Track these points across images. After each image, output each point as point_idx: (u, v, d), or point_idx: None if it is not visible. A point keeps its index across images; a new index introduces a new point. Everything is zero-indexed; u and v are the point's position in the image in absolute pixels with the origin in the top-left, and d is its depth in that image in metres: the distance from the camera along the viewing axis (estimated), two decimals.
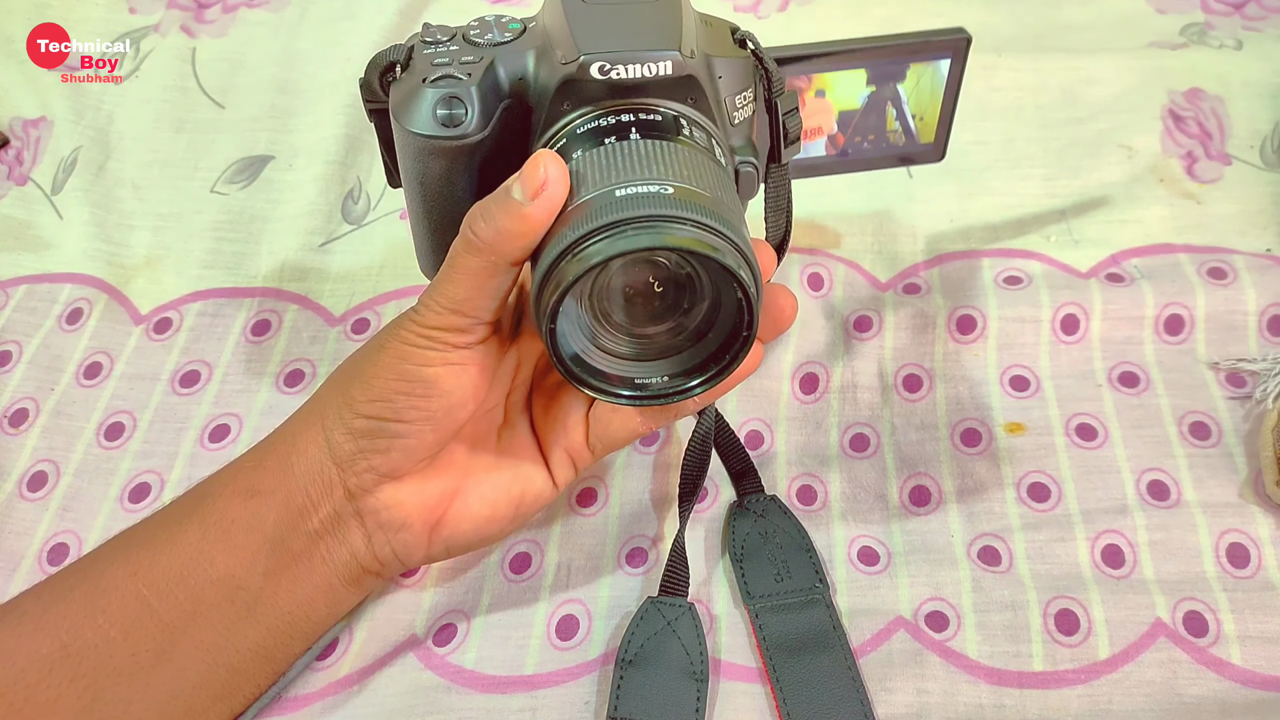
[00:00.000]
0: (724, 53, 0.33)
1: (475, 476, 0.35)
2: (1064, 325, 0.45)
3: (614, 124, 0.30)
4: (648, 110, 0.31)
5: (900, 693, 0.35)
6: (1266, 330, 0.45)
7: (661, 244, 0.26)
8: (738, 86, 0.34)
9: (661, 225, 0.27)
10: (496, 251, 0.29)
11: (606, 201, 0.27)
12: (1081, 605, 0.37)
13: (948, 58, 0.41)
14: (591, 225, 0.27)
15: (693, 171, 0.29)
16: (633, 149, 0.29)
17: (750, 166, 0.34)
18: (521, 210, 0.28)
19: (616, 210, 0.27)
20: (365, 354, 0.33)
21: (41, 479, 0.44)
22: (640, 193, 0.27)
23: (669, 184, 0.28)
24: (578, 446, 0.35)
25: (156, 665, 0.31)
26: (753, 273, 0.28)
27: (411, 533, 0.34)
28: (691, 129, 0.31)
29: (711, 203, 0.28)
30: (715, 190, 0.29)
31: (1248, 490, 0.40)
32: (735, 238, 0.27)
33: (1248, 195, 0.51)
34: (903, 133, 0.43)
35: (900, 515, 0.41)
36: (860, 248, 0.51)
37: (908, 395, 0.44)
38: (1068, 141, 0.54)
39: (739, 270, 0.27)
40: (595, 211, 0.27)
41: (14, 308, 0.51)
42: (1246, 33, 0.57)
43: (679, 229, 0.27)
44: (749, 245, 0.28)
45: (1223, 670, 0.35)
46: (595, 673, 0.36)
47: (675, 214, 0.27)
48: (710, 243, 0.27)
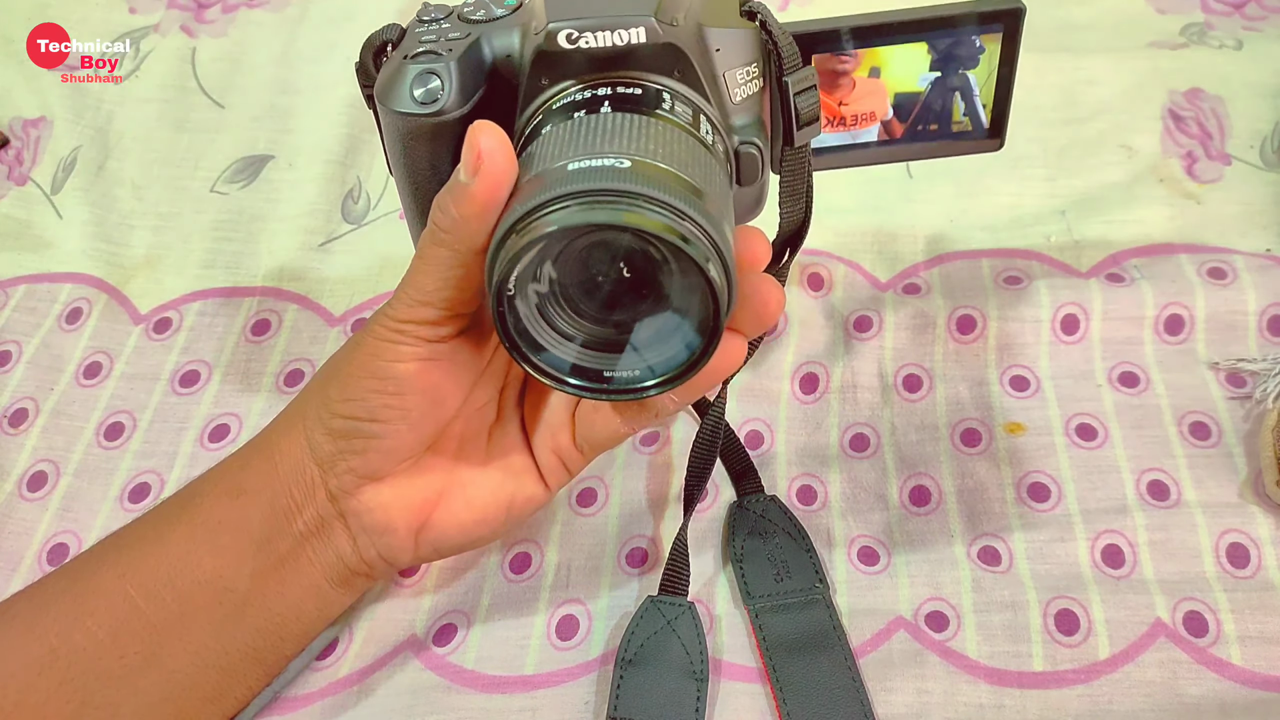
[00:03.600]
0: (723, 23, 0.31)
1: (462, 479, 0.34)
2: (1064, 325, 0.45)
3: (587, 98, 0.29)
4: (627, 83, 0.29)
5: (900, 693, 0.35)
6: (1266, 330, 0.45)
7: (601, 221, 0.24)
8: (739, 60, 0.31)
9: (609, 201, 0.24)
10: (456, 238, 0.28)
11: (558, 176, 0.25)
12: (1081, 605, 0.37)
13: (997, 31, 0.36)
14: (535, 200, 0.25)
15: (662, 146, 0.27)
16: (600, 122, 0.27)
17: (753, 148, 0.32)
18: (466, 189, 0.27)
19: (564, 184, 0.25)
20: (343, 352, 0.33)
21: (41, 479, 0.44)
22: (593, 166, 0.25)
23: (627, 158, 0.26)
24: (565, 448, 0.34)
25: (145, 668, 0.31)
26: (722, 261, 0.25)
27: (396, 536, 0.33)
28: (675, 103, 0.29)
29: (673, 180, 0.26)
30: (687, 168, 0.27)
31: (1248, 490, 0.40)
32: (699, 218, 0.25)
33: (1248, 195, 0.51)
34: (970, 124, 0.39)
35: (900, 515, 0.41)
36: (860, 248, 0.51)
37: (908, 395, 0.44)
38: (1068, 141, 0.54)
39: (698, 256, 0.25)
40: (545, 186, 0.25)
41: (14, 308, 0.51)
42: (1246, 33, 0.57)
43: (630, 206, 0.24)
44: (721, 229, 0.26)
45: (1223, 670, 0.35)
46: (595, 673, 0.36)
47: (626, 188, 0.25)
48: (663, 222, 0.24)
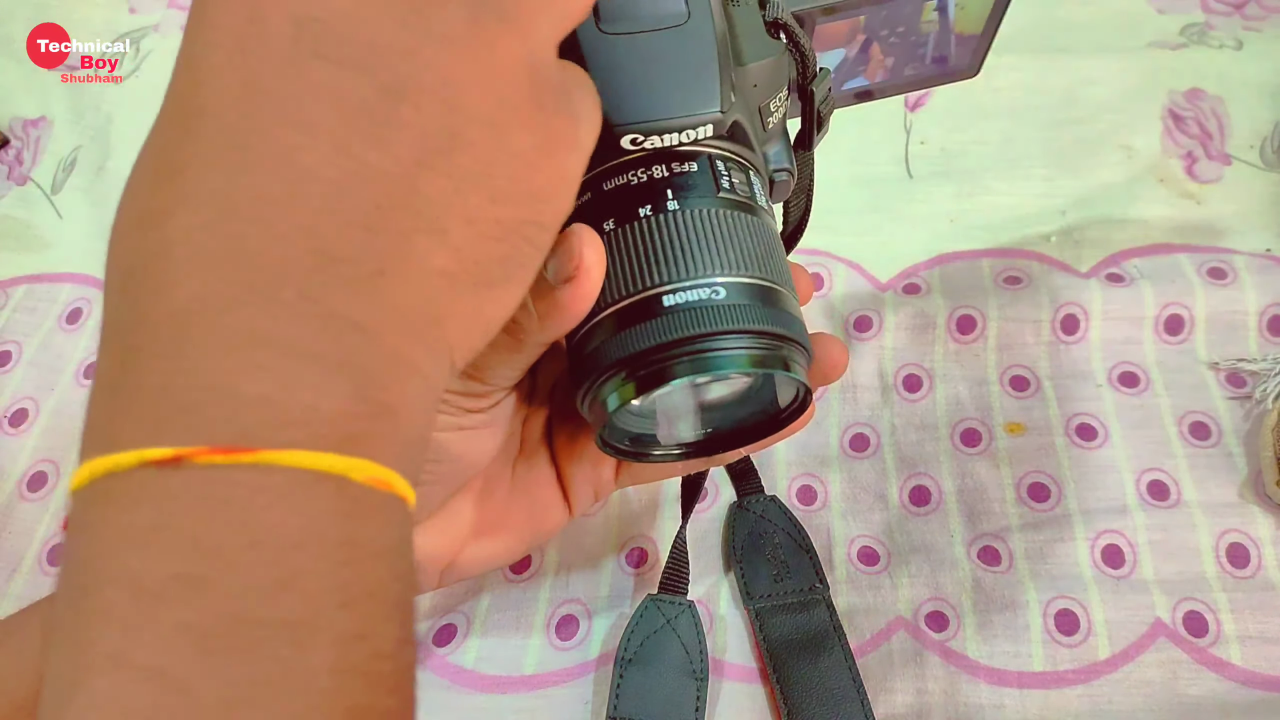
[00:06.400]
0: (757, 54, 0.29)
1: (489, 519, 0.33)
2: (1064, 325, 0.45)
3: (645, 182, 0.27)
4: (680, 158, 0.28)
5: (900, 693, 0.35)
6: (1266, 330, 0.45)
7: (711, 377, 0.25)
8: (773, 90, 0.30)
9: (714, 353, 0.25)
10: (529, 334, 0.26)
11: (651, 311, 0.25)
12: (1081, 605, 0.37)
13: None
14: (636, 347, 0.25)
15: (736, 249, 0.26)
16: (672, 228, 0.26)
17: (785, 174, 0.31)
18: (557, 299, 0.25)
19: (664, 330, 0.25)
20: None
21: (41, 479, 0.44)
22: (690, 302, 0.25)
23: (720, 283, 0.25)
24: (606, 481, 0.33)
25: None
26: (808, 356, 0.26)
27: (424, 575, 0.32)
28: (730, 174, 0.28)
29: (758, 294, 0.26)
30: (763, 264, 0.26)
31: (1248, 490, 0.40)
32: (791, 335, 0.26)
33: (1248, 195, 0.51)
34: (939, 24, 0.36)
35: (900, 515, 0.41)
36: (860, 248, 0.50)
37: (908, 395, 0.44)
38: (1068, 141, 0.54)
39: (796, 375, 0.26)
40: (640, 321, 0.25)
41: (14, 308, 0.51)
42: (1246, 33, 0.57)
43: (735, 350, 0.25)
44: (803, 328, 0.27)
45: (1223, 670, 0.35)
46: (595, 672, 0.36)
47: (730, 328, 0.25)
48: (764, 356, 0.25)
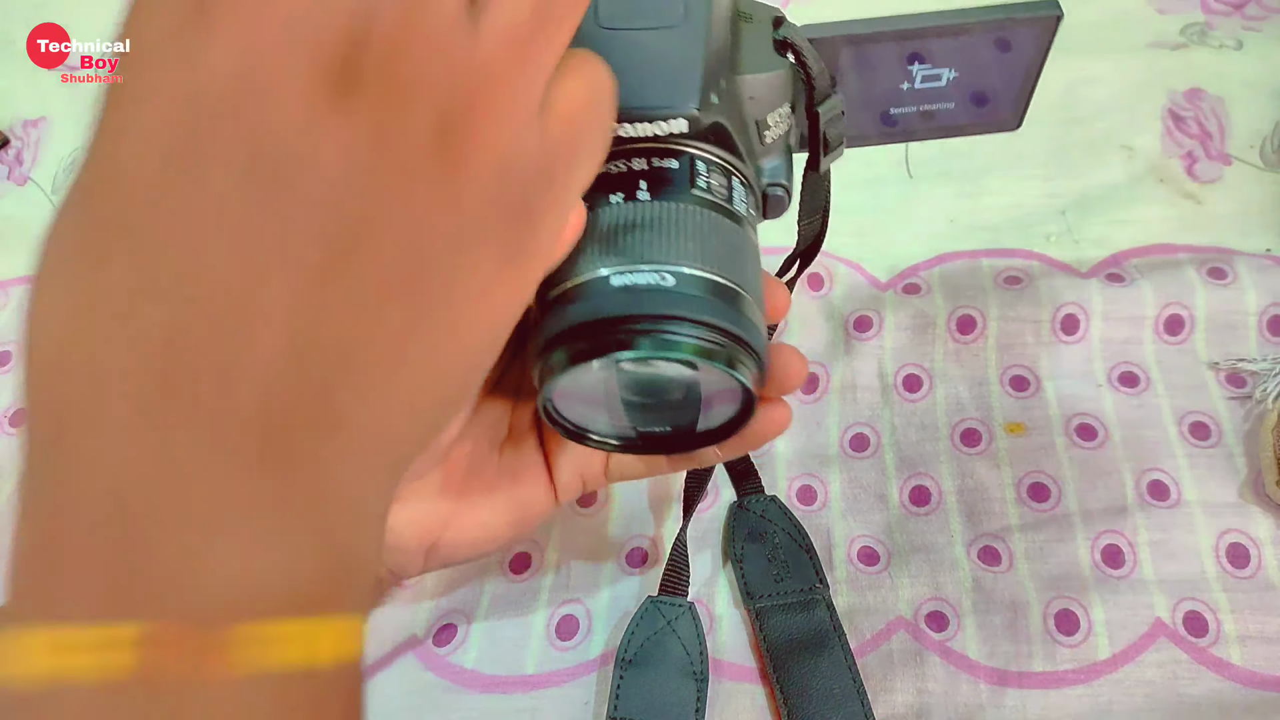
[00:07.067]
0: (758, 67, 0.30)
1: (473, 500, 0.33)
2: (1064, 325, 0.45)
3: (624, 172, 0.28)
4: (661, 154, 0.28)
5: (900, 693, 0.35)
6: (1266, 330, 0.45)
7: (648, 355, 0.25)
8: (772, 104, 0.30)
9: (656, 332, 0.25)
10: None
11: (599, 291, 0.26)
12: (1081, 605, 0.37)
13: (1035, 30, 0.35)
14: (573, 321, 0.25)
15: (698, 243, 0.27)
16: (638, 215, 0.27)
17: (780, 189, 0.31)
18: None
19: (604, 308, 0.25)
20: None
21: None
22: (638, 285, 0.25)
23: (670, 270, 0.26)
24: (594, 474, 0.34)
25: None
26: (759, 363, 0.27)
27: (407, 555, 0.32)
28: (710, 176, 0.29)
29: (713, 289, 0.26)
30: (725, 265, 0.27)
31: (1248, 490, 0.40)
32: (739, 334, 0.26)
33: (1248, 195, 0.51)
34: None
35: (900, 515, 0.41)
36: (860, 248, 0.51)
37: (908, 395, 0.44)
38: (1068, 141, 0.54)
39: (739, 374, 0.26)
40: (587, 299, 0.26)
41: (14, 308, 0.51)
42: (1246, 33, 0.57)
43: (676, 336, 0.25)
44: (758, 330, 0.27)
45: (1223, 670, 0.35)
46: (595, 673, 0.36)
47: (675, 314, 0.25)
48: (706, 347, 0.25)
